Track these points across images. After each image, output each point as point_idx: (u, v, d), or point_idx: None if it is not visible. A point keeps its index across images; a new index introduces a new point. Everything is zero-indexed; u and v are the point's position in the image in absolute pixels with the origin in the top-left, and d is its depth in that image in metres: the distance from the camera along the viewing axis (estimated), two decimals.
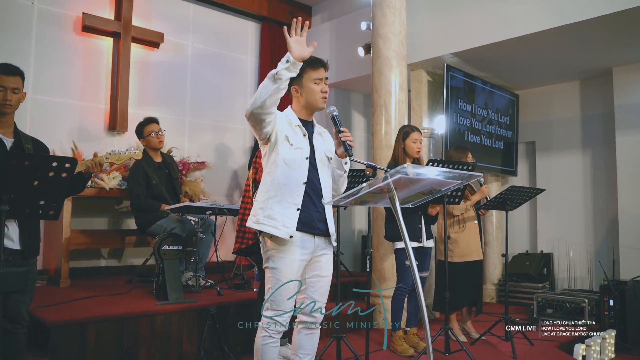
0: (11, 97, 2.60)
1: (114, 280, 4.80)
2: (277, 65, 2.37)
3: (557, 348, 4.31)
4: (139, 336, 3.39)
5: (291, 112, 2.67)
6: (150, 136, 4.49)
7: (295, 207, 2.51)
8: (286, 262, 2.51)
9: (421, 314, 2.22)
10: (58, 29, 5.12)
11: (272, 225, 2.49)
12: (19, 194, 2.24)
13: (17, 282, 1.85)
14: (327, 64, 2.64)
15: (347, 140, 2.51)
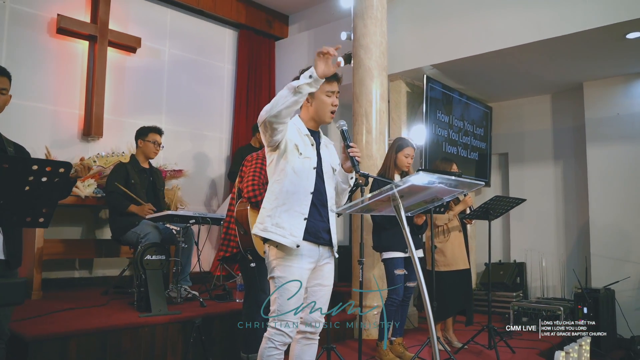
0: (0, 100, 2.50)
1: (88, 292, 4.61)
2: (299, 77, 2.30)
3: (538, 355, 4.38)
4: (122, 350, 3.26)
5: (300, 121, 2.63)
6: (151, 142, 4.45)
7: (302, 217, 2.48)
8: (292, 271, 2.46)
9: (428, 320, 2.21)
10: (31, 31, 4.94)
11: (280, 234, 2.45)
12: (9, 200, 2.12)
13: (16, 295, 1.73)
14: (341, 78, 2.62)
15: (356, 156, 2.50)
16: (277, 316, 2.48)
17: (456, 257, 4.41)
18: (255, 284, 3.40)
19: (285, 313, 2.47)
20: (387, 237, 3.96)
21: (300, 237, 2.46)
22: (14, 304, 1.82)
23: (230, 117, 6.61)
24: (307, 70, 2.31)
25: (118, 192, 4.26)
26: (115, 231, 4.32)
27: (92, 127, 5.12)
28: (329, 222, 2.61)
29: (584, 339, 4.79)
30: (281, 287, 2.47)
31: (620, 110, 5.64)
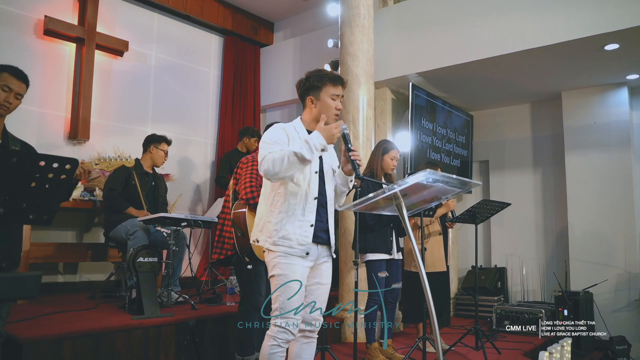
0: (12, 101, 2.52)
1: (73, 297, 4.56)
2: (310, 147, 2.38)
3: (523, 355, 4.48)
4: (116, 351, 3.24)
5: (300, 124, 2.68)
6: (162, 151, 4.52)
7: (309, 224, 2.53)
8: (293, 269, 2.50)
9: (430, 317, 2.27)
10: (17, 31, 4.89)
11: (288, 245, 2.51)
12: (14, 196, 2.11)
13: (30, 289, 1.72)
14: (346, 83, 2.69)
15: (356, 160, 2.56)
16: (281, 315, 2.51)
17: (435, 260, 4.49)
18: (252, 286, 3.41)
19: (288, 311, 2.50)
20: (372, 239, 4.00)
21: (309, 244, 2.52)
22: (29, 297, 1.81)
23: (216, 122, 6.62)
24: (316, 139, 2.40)
25: (118, 191, 4.25)
26: (106, 226, 4.31)
27: (79, 130, 5.08)
28: (327, 222, 2.66)
29: (566, 340, 4.92)
30: (283, 286, 2.50)
31: (597, 119, 5.84)
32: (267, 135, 2.61)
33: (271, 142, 2.55)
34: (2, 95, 2.44)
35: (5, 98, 2.44)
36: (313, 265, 2.62)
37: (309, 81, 2.68)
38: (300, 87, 2.73)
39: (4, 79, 2.47)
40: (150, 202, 4.40)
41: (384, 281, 4.01)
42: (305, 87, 2.70)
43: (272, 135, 2.59)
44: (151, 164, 4.54)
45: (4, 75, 2.47)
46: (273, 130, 2.62)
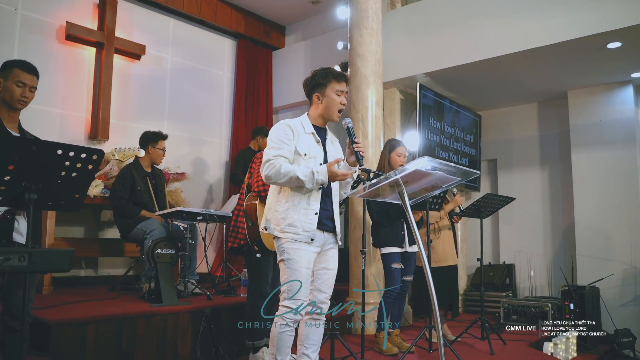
0: (28, 95, 2.66)
1: (95, 289, 4.75)
2: (313, 179, 2.63)
3: (529, 346, 4.60)
4: (137, 336, 3.42)
5: (306, 120, 2.86)
6: (161, 150, 4.65)
7: (313, 212, 2.71)
8: (300, 254, 2.67)
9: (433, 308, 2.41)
10: (41, 37, 5.13)
11: (294, 232, 2.69)
12: (46, 184, 2.30)
13: (62, 262, 1.91)
14: (349, 79, 2.87)
15: (360, 151, 2.72)
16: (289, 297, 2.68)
17: (446, 254, 4.64)
18: (260, 274, 3.59)
19: (296, 293, 2.67)
20: (384, 234, 4.17)
21: (313, 231, 2.70)
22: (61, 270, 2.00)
23: (230, 123, 6.83)
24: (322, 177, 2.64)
25: (126, 198, 4.42)
26: (123, 230, 4.48)
27: (99, 130, 5.31)
28: (332, 211, 2.84)
29: (571, 333, 5.04)
30: (292, 269, 2.67)
31: (602, 117, 5.94)
32: (273, 133, 2.78)
33: (278, 142, 2.74)
34: (18, 91, 2.60)
35: (22, 93, 2.60)
36: (320, 251, 2.79)
37: (315, 79, 2.86)
38: (307, 84, 2.91)
39: (17, 74, 2.61)
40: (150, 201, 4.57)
41: (399, 272, 4.16)
42: (311, 85, 2.88)
43: (279, 133, 2.76)
44: (150, 163, 4.68)
45: (15, 71, 2.61)
46: (279, 128, 2.79)
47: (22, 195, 2.21)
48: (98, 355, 3.20)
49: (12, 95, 2.59)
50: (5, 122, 2.64)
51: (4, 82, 2.60)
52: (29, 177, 2.21)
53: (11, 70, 2.60)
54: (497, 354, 4.15)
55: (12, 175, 2.15)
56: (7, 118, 2.67)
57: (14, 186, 2.18)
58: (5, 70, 2.61)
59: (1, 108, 2.64)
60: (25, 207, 2.21)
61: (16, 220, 2.56)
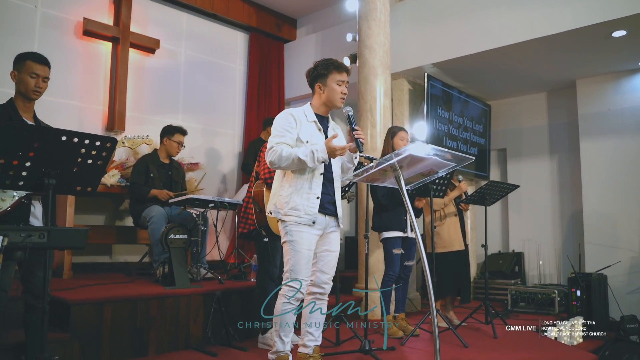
0: (41, 85, 2.82)
1: (112, 275, 4.95)
2: (314, 158, 2.75)
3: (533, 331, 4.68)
4: (150, 317, 3.59)
5: (309, 109, 3.00)
6: (176, 142, 4.87)
7: (315, 196, 2.85)
8: (303, 236, 2.81)
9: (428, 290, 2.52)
10: (60, 33, 5.33)
11: (297, 215, 2.83)
12: (64, 170, 2.47)
13: (79, 239, 2.08)
14: (350, 70, 3.00)
15: (360, 138, 2.84)
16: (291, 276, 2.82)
17: (452, 239, 4.73)
18: (268, 258, 3.74)
19: (298, 273, 2.81)
20: (387, 218, 4.29)
21: (315, 214, 2.84)
22: (78, 248, 2.16)
23: (242, 114, 6.99)
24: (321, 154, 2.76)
25: (140, 183, 4.64)
26: (134, 217, 4.71)
27: (115, 122, 5.50)
28: (334, 195, 2.97)
29: (577, 318, 5.10)
30: (294, 250, 2.82)
31: (611, 105, 5.96)
32: (277, 122, 2.93)
33: (281, 130, 2.89)
34: (32, 82, 2.77)
35: (35, 84, 2.77)
36: (322, 233, 2.93)
37: (317, 70, 3.00)
38: (310, 75, 3.05)
39: (30, 66, 2.77)
40: (168, 189, 4.75)
41: (399, 257, 4.29)
42: (313, 75, 3.02)
43: (282, 122, 2.91)
44: (167, 155, 4.90)
45: (28, 63, 2.78)
46: (283, 117, 2.94)
47: (42, 181, 2.38)
48: (114, 334, 3.39)
49: (26, 86, 2.76)
50: (21, 112, 2.82)
51: (18, 75, 2.78)
52: (48, 163, 2.38)
53: (24, 62, 2.77)
54: (500, 337, 4.25)
55: (32, 161, 2.33)
56: (23, 108, 2.84)
57: (34, 172, 2.35)
58: (19, 63, 2.78)
59: (17, 99, 2.82)
60: (45, 191, 2.39)
61: (32, 205, 2.75)
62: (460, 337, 3.95)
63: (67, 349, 3.10)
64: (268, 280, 3.67)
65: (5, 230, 1.82)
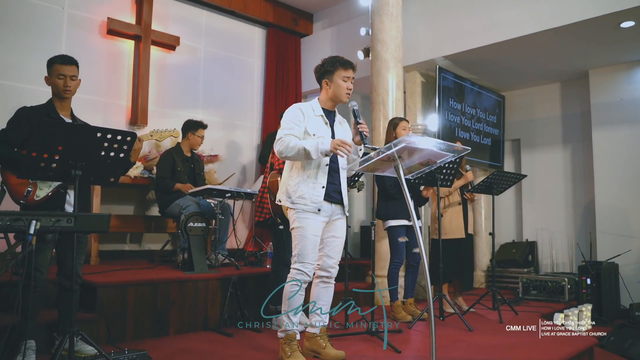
0: (70, 84, 3.08)
1: (137, 262, 5.24)
2: (318, 150, 2.91)
3: (541, 317, 4.79)
4: (170, 299, 3.85)
5: (316, 103, 3.18)
6: (198, 136, 5.12)
7: (321, 186, 3.04)
8: (309, 222, 3.01)
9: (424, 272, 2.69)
10: (85, 32, 5.61)
11: (303, 204, 3.03)
12: (88, 162, 2.71)
13: (102, 224, 2.31)
14: (356, 66, 3.16)
15: (364, 131, 3.02)
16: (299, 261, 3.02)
17: (453, 227, 4.86)
18: (283, 245, 3.95)
19: (305, 257, 3.01)
20: (393, 207, 4.45)
21: (320, 202, 3.02)
22: (101, 232, 2.41)
23: (260, 108, 7.21)
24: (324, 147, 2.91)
25: (165, 177, 4.89)
26: (161, 206, 4.96)
27: (138, 116, 5.78)
28: (340, 184, 3.15)
29: (585, 305, 5.20)
30: (302, 236, 3.01)
31: (623, 95, 5.99)
32: (286, 115, 3.12)
33: (289, 122, 3.08)
34: (61, 82, 3.02)
35: (64, 84, 3.03)
36: (328, 220, 3.12)
37: (324, 66, 3.18)
38: (317, 72, 3.23)
39: (56, 69, 3.03)
40: (192, 181, 5.00)
41: (404, 245, 4.46)
42: (321, 72, 3.20)
43: (290, 116, 3.11)
44: (189, 148, 5.15)
45: (55, 66, 3.03)
46: (291, 111, 3.13)
47: (70, 172, 2.63)
48: (137, 314, 3.65)
49: (57, 87, 3.03)
50: (59, 111, 3.11)
51: (49, 78, 3.05)
52: (75, 156, 2.62)
53: (52, 66, 3.03)
54: (506, 322, 4.38)
55: (61, 155, 2.57)
56: (60, 107, 3.11)
57: (62, 164, 2.60)
58: (49, 68, 3.05)
59: (54, 99, 3.11)
60: (72, 182, 2.64)
61: (67, 193, 3.02)
62: (465, 322, 4.11)
63: (94, 328, 3.37)
64: (283, 267, 3.87)
65: (38, 216, 2.06)
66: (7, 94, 5.00)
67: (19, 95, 4.99)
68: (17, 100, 4.87)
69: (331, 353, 3.10)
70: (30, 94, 4.64)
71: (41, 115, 3.01)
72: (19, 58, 5.10)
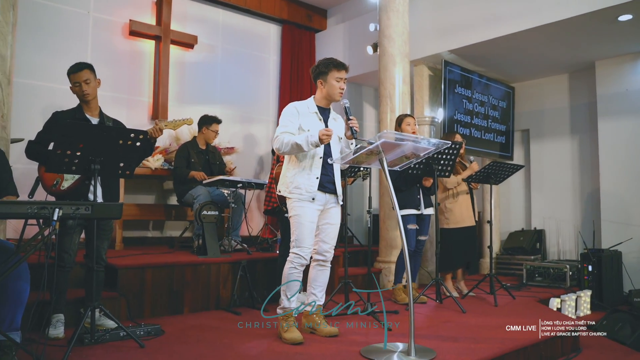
0: (86, 88, 3.40)
1: (158, 248, 5.65)
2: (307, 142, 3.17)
3: (537, 302, 5.01)
4: (185, 281, 4.21)
5: (311, 102, 3.46)
6: (212, 131, 5.49)
7: (315, 177, 3.32)
8: (305, 210, 3.30)
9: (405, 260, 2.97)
10: (109, 34, 6.01)
11: (299, 193, 3.32)
12: (107, 157, 3.07)
13: (115, 212, 2.67)
14: (348, 67, 3.44)
15: (354, 127, 3.28)
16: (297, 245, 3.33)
17: (464, 216, 5.10)
18: (289, 232, 4.26)
19: (302, 242, 3.31)
20: (402, 197, 4.70)
21: (314, 192, 3.31)
22: (114, 218, 2.76)
23: (276, 102, 7.54)
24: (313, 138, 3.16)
25: (182, 167, 5.27)
26: (178, 195, 5.36)
27: (159, 112, 6.17)
28: (333, 175, 3.42)
29: (584, 292, 5.39)
30: (298, 223, 3.32)
31: (629, 86, 6.08)
32: (283, 113, 3.43)
33: (285, 120, 3.37)
34: (78, 90, 3.39)
35: (81, 90, 3.38)
36: (323, 209, 3.40)
37: (319, 68, 3.45)
38: (313, 72, 3.50)
39: (71, 79, 3.39)
40: (207, 172, 5.36)
41: (414, 232, 4.72)
42: (316, 73, 3.47)
43: (287, 114, 3.40)
44: (204, 141, 5.51)
45: (70, 77, 3.39)
46: (287, 110, 3.43)
47: (90, 166, 3.01)
48: (154, 293, 4.02)
49: (77, 94, 3.41)
50: (86, 112, 3.47)
51: (72, 88, 3.40)
52: (94, 152, 2.99)
53: (69, 77, 3.40)
54: (501, 306, 4.62)
55: (82, 151, 2.94)
56: (87, 109, 3.48)
57: (84, 159, 2.98)
58: (68, 78, 3.40)
59: (82, 103, 3.46)
60: (92, 174, 3.01)
61: (91, 184, 3.38)
62: (459, 304, 4.36)
63: (115, 305, 3.75)
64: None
65: (60, 205, 2.42)
66: (39, 93, 5.43)
67: (50, 95, 5.41)
68: (48, 99, 5.35)
69: (325, 329, 3.40)
70: (60, 94, 5.01)
71: (69, 118, 3.38)
72: (48, 60, 5.50)
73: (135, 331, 3.21)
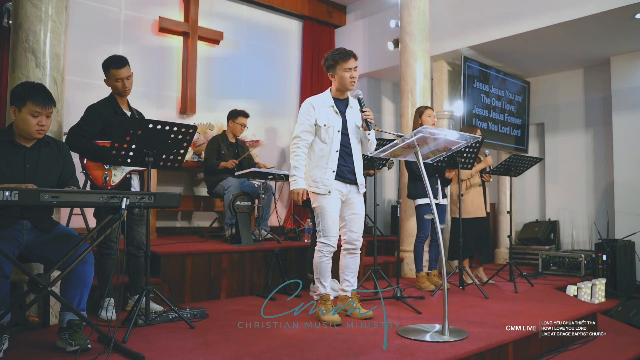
0: (127, 85, 3.55)
1: (188, 237, 5.88)
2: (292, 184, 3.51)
3: (555, 289, 5.22)
4: (222, 268, 4.45)
5: (328, 95, 3.62)
6: (239, 125, 5.70)
7: (331, 170, 3.49)
8: (328, 201, 3.49)
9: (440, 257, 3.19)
10: (140, 31, 6.23)
11: (315, 187, 3.51)
12: (158, 151, 3.30)
13: (174, 201, 2.89)
14: (355, 54, 3.54)
15: (368, 118, 3.46)
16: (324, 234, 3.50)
17: (475, 207, 5.28)
18: None
19: (328, 231, 3.51)
20: (421, 187, 4.91)
21: (331, 186, 3.47)
22: (172, 207, 2.98)
23: (298, 96, 7.75)
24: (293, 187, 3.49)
25: (212, 159, 5.50)
26: (209, 186, 5.58)
27: (187, 106, 6.40)
28: (353, 166, 3.58)
29: (599, 280, 5.59)
30: (322, 214, 3.50)
31: None
32: (300, 111, 3.59)
33: (302, 118, 3.54)
34: (119, 85, 3.48)
35: (123, 86, 3.50)
36: (344, 200, 3.57)
37: (327, 61, 3.57)
38: (324, 65, 3.63)
39: (113, 74, 3.46)
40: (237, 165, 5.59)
41: (430, 222, 4.93)
42: (326, 66, 3.60)
43: (303, 112, 3.56)
44: (233, 134, 5.74)
45: (111, 72, 3.45)
46: (304, 106, 3.59)
47: (143, 158, 3.23)
48: (194, 279, 4.26)
49: (117, 89, 3.50)
50: (119, 104, 3.58)
51: (108, 81, 3.51)
52: (148, 145, 3.21)
53: (109, 71, 3.47)
54: (521, 292, 4.83)
55: (137, 144, 3.16)
56: (120, 101, 3.58)
57: (138, 152, 3.20)
58: (106, 72, 3.49)
59: (116, 96, 3.57)
60: (145, 167, 3.24)
61: (132, 178, 3.61)
62: (482, 290, 4.58)
63: (158, 290, 3.97)
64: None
65: (127, 195, 2.64)
66: (73, 88, 5.64)
67: (85, 88, 5.63)
68: (83, 93, 5.55)
69: (360, 313, 3.62)
70: (94, 88, 5.16)
71: (108, 111, 3.50)
72: (82, 55, 5.67)
73: (183, 313, 3.44)
